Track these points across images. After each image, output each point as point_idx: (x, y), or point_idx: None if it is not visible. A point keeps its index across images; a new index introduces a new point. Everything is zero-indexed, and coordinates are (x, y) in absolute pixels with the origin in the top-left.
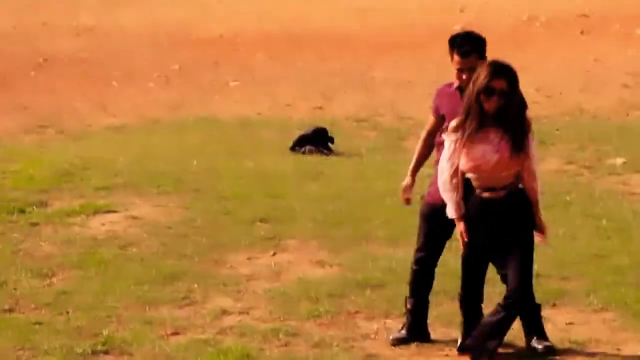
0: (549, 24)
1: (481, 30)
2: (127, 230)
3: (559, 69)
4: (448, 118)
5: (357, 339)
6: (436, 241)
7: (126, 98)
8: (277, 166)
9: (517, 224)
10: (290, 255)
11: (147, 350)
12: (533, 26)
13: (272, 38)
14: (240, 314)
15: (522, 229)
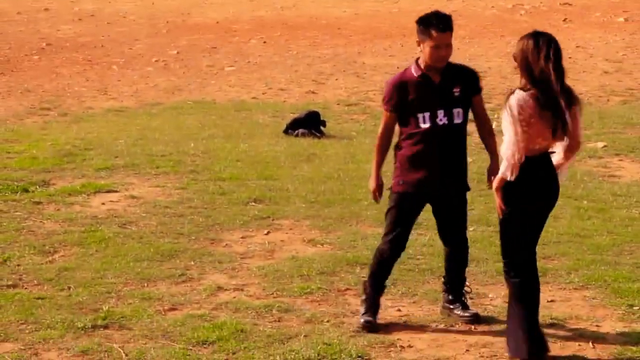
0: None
1: (467, 18)
2: (126, 209)
3: None
4: (418, 109)
5: (347, 315)
6: (407, 227)
7: (126, 82)
8: (271, 148)
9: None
10: (283, 234)
11: (145, 324)
12: (517, 14)
13: (266, 25)
14: (235, 290)
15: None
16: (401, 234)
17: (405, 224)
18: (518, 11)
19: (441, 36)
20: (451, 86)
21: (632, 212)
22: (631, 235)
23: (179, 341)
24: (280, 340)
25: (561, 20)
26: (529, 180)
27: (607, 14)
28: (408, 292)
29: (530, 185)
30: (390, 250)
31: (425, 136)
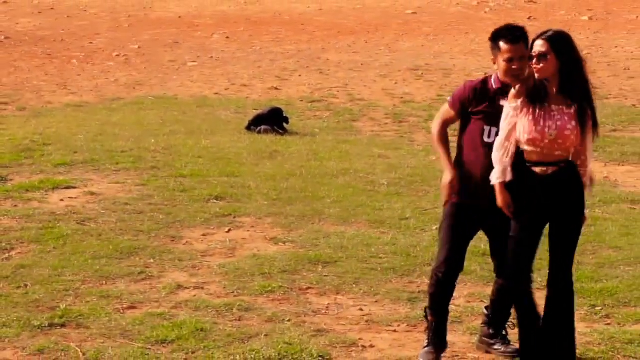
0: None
1: (432, 15)
2: (85, 206)
3: None
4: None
5: (308, 314)
6: (464, 242)
7: (86, 76)
8: (233, 145)
9: (566, 204)
10: (244, 232)
11: (103, 323)
12: (482, 12)
13: (229, 20)
14: (195, 288)
15: (571, 211)
16: (454, 250)
17: (459, 238)
18: (483, 8)
19: (514, 48)
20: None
21: (595, 212)
22: (594, 235)
23: (137, 340)
24: (241, 340)
25: (526, 18)
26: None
27: (571, 12)
28: (370, 292)
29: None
30: (446, 268)
31: (486, 150)
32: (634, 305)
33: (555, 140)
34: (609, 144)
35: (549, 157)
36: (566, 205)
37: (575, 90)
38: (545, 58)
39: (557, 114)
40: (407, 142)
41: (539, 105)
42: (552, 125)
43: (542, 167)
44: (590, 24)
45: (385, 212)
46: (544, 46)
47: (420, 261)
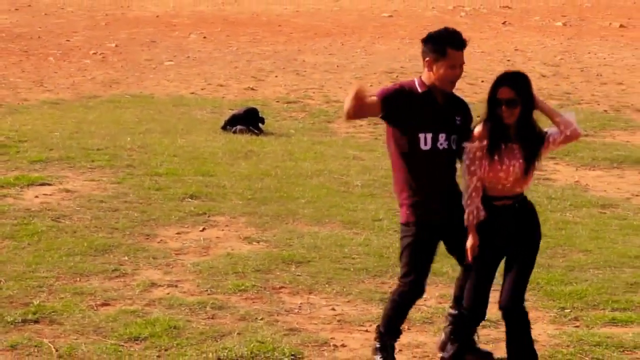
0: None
1: (407, 19)
2: (60, 203)
3: (482, 58)
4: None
5: (281, 313)
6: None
7: (63, 74)
8: (209, 144)
9: (525, 231)
10: (218, 231)
11: (76, 319)
12: (457, 16)
13: (207, 20)
14: (169, 286)
15: (530, 239)
16: (422, 274)
17: (425, 261)
18: (458, 13)
19: (458, 55)
20: (454, 112)
21: (565, 216)
22: (564, 238)
23: (110, 337)
24: (214, 337)
25: (500, 22)
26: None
27: (545, 17)
28: (343, 291)
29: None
30: (412, 293)
31: (426, 159)
32: (602, 308)
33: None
34: (580, 149)
35: (509, 192)
36: (524, 234)
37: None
38: (515, 104)
39: (518, 152)
40: (381, 144)
41: (502, 144)
42: (516, 164)
43: (502, 201)
44: (564, 29)
45: (359, 213)
46: (512, 93)
47: (392, 262)
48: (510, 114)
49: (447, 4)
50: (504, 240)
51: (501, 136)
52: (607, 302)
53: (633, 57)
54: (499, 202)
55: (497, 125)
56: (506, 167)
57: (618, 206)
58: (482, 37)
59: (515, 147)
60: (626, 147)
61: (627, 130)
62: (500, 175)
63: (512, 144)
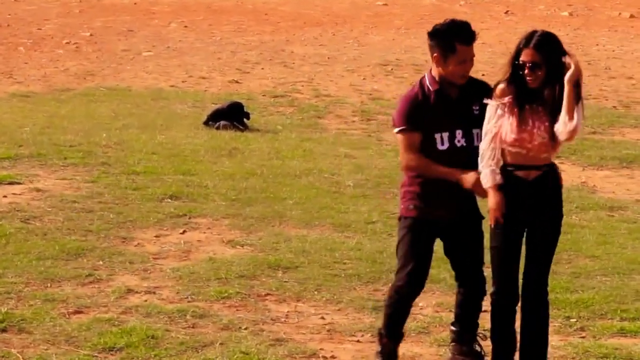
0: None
1: (403, 7)
2: (30, 203)
3: (483, 50)
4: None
5: (266, 322)
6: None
7: (34, 65)
8: (190, 141)
9: (545, 210)
10: (200, 233)
11: (47, 328)
12: (457, 4)
13: (188, 7)
14: (147, 293)
15: (551, 217)
16: (419, 266)
17: (423, 254)
18: (458, 1)
19: (468, 50)
20: (470, 103)
21: (571, 219)
22: (570, 243)
23: (83, 347)
24: (194, 348)
25: (503, 12)
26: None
27: (551, 7)
28: (333, 299)
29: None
30: (409, 286)
31: (443, 159)
32: (610, 317)
33: (544, 142)
34: (587, 148)
35: (535, 160)
36: (546, 212)
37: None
38: (539, 68)
39: (544, 115)
40: (375, 142)
41: (527, 105)
42: (541, 126)
43: (525, 171)
44: (570, 20)
45: (351, 215)
46: (536, 56)
47: (386, 268)
48: (534, 77)
49: None
50: (526, 213)
51: (525, 97)
52: (616, 312)
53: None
54: (521, 171)
55: (521, 87)
56: (530, 129)
57: (627, 208)
58: (483, 27)
59: (541, 109)
60: (636, 146)
61: (638, 128)
62: (523, 136)
63: (538, 106)
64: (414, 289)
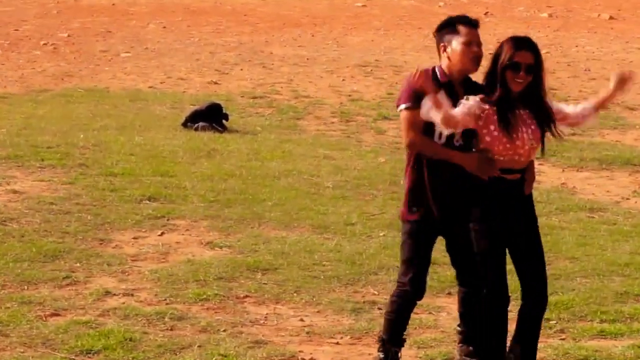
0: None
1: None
2: (7, 205)
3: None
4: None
5: (245, 324)
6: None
7: (11, 66)
8: (168, 142)
9: (530, 209)
10: (178, 235)
11: (23, 331)
12: (436, 6)
13: (166, 8)
14: (124, 295)
15: (534, 216)
16: (422, 271)
17: (424, 258)
18: (437, 2)
19: (473, 32)
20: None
21: (551, 220)
22: (550, 244)
23: (60, 350)
24: (172, 351)
25: (482, 13)
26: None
27: (530, 8)
28: (312, 301)
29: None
30: (414, 291)
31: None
32: (590, 319)
33: (533, 147)
34: (567, 149)
35: (521, 164)
36: (530, 211)
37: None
38: (532, 71)
39: (527, 117)
40: (354, 143)
41: (510, 113)
42: (528, 130)
43: (514, 174)
44: (549, 21)
45: (330, 217)
46: (532, 58)
47: (365, 269)
48: (525, 80)
49: None
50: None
51: (508, 104)
52: (595, 313)
53: (623, 50)
54: (510, 175)
55: (506, 93)
56: (521, 135)
57: (607, 210)
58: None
59: (523, 112)
60: (616, 147)
61: (617, 129)
62: (517, 144)
63: (518, 110)
64: (417, 293)
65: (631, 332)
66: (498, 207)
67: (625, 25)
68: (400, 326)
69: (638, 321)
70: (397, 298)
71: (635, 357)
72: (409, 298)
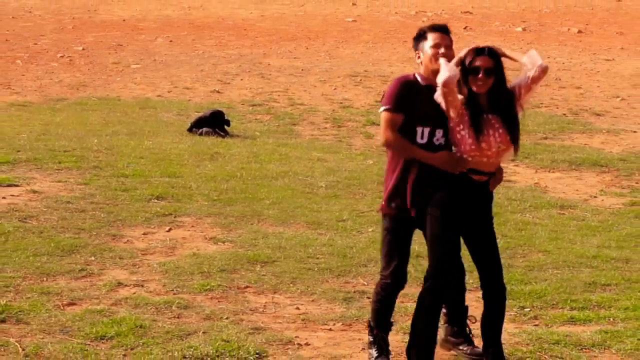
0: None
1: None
2: (27, 203)
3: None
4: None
5: (246, 312)
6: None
7: (30, 77)
8: (175, 146)
9: (488, 209)
10: (184, 231)
11: (43, 319)
12: (420, 20)
13: (173, 24)
14: (135, 286)
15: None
16: (401, 264)
17: (403, 251)
18: (421, 18)
19: (442, 36)
20: None
21: (525, 217)
22: (524, 238)
23: (77, 336)
24: (179, 336)
25: (462, 28)
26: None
27: (506, 23)
28: (307, 291)
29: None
30: (394, 283)
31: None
32: (561, 307)
33: (501, 150)
34: (540, 152)
35: (489, 167)
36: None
37: (503, 103)
38: (492, 73)
39: (495, 122)
40: (345, 146)
41: (479, 117)
42: (496, 133)
43: (480, 176)
44: (523, 35)
45: (323, 214)
46: (490, 62)
47: (356, 262)
48: (484, 82)
49: (410, 9)
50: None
51: (476, 104)
52: (566, 302)
53: (591, 61)
54: (477, 176)
55: (472, 96)
56: (487, 138)
57: (576, 207)
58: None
59: (492, 117)
60: (584, 150)
61: (585, 133)
62: (482, 146)
63: (487, 115)
64: (399, 284)
65: (598, 319)
66: (458, 198)
67: (592, 39)
68: (386, 313)
69: (604, 309)
70: (380, 290)
71: (602, 341)
72: (391, 290)
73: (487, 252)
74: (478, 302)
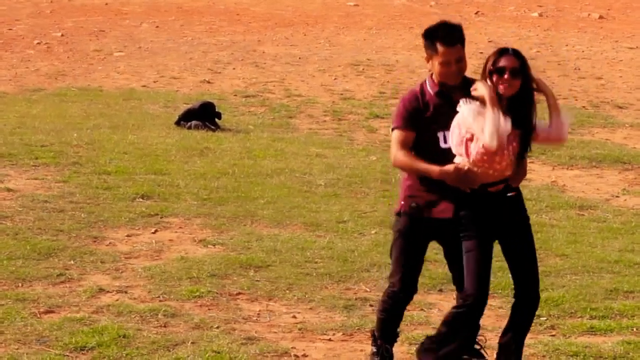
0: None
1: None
2: (1, 203)
3: None
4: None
5: (238, 321)
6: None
7: (4, 65)
8: (162, 141)
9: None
10: (172, 233)
11: (18, 328)
12: (427, 5)
13: (160, 8)
14: (118, 292)
15: (525, 222)
16: (412, 271)
17: (415, 257)
18: (428, 2)
19: (448, 51)
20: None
21: (542, 218)
22: (540, 241)
23: (55, 346)
24: (166, 347)
25: (473, 13)
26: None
27: (521, 7)
28: (304, 298)
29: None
30: (404, 292)
31: (444, 157)
32: (579, 316)
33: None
34: (557, 147)
35: (493, 179)
36: (517, 215)
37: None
38: (518, 75)
39: (511, 135)
40: (346, 141)
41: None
42: (510, 147)
43: (495, 187)
44: (540, 20)
45: (322, 215)
46: (517, 62)
47: (357, 267)
48: (510, 84)
49: None
50: (496, 226)
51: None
52: (585, 310)
53: (613, 50)
54: (492, 187)
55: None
56: (501, 151)
57: (597, 208)
58: None
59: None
60: (605, 146)
61: (607, 128)
62: (495, 158)
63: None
64: (409, 294)
65: (620, 329)
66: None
67: (614, 25)
68: (392, 324)
69: (627, 318)
70: (387, 298)
71: (625, 353)
72: (398, 299)
73: (522, 261)
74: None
